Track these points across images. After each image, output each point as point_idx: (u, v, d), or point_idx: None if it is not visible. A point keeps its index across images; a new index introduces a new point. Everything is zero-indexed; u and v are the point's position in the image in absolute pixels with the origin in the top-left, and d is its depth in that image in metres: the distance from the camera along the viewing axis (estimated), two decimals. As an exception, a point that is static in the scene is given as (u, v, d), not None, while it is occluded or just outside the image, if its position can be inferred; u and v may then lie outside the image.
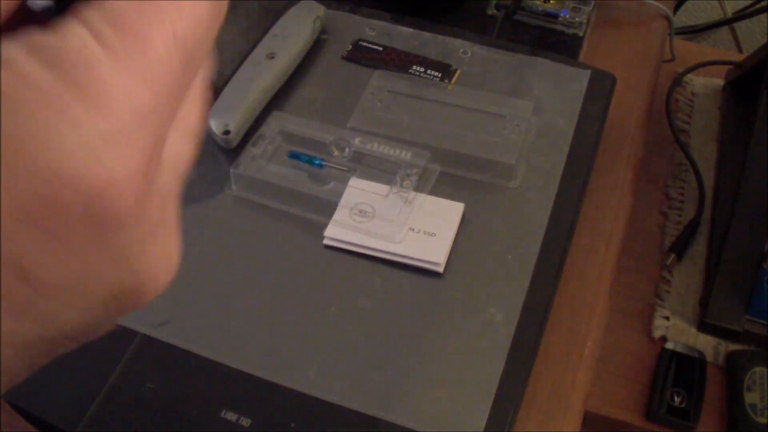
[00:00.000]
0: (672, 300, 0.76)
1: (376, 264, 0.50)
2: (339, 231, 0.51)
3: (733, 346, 0.72)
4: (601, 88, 0.61)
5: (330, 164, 0.54)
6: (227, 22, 0.73)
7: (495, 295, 0.48)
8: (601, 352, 0.55)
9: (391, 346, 0.46)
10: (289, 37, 0.61)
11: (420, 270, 0.49)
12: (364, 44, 0.63)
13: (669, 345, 0.72)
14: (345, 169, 0.54)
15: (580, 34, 0.69)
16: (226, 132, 0.55)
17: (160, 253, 0.20)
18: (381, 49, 0.63)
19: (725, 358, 0.71)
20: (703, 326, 0.73)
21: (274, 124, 0.56)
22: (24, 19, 0.20)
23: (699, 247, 0.79)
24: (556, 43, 0.68)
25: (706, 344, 0.72)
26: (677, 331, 0.73)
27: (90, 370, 0.45)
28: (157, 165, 0.19)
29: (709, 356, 0.71)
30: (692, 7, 1.19)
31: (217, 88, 0.64)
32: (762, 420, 0.66)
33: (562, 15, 0.69)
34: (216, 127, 0.55)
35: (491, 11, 0.71)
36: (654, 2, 0.73)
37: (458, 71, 0.61)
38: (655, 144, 0.86)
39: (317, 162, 0.54)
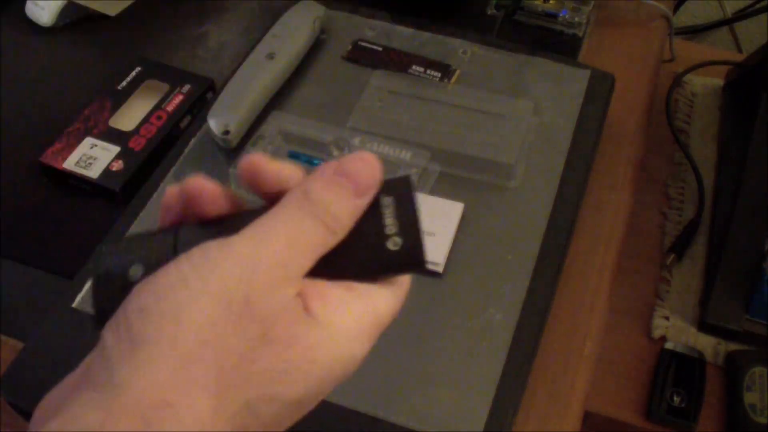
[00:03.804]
0: (672, 300, 0.76)
1: (375, 264, 0.50)
2: (339, 231, 0.51)
3: (733, 346, 0.72)
4: (600, 88, 0.61)
5: (330, 164, 0.54)
6: (227, 21, 0.73)
7: (494, 295, 0.48)
8: (601, 352, 0.55)
9: (391, 346, 0.46)
10: (289, 37, 0.61)
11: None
12: (364, 44, 0.63)
13: (669, 345, 0.72)
14: (345, 169, 0.54)
15: (580, 34, 0.69)
16: (226, 132, 0.55)
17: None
18: (381, 49, 0.63)
19: (725, 358, 0.71)
20: (703, 326, 0.73)
21: (273, 124, 0.56)
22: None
23: (699, 247, 0.79)
24: (555, 43, 0.68)
25: (706, 344, 0.72)
26: (677, 331, 0.73)
27: (90, 370, 0.45)
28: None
29: (709, 356, 0.71)
30: (692, 7, 1.19)
31: (217, 88, 0.64)
32: (762, 420, 0.66)
33: (561, 15, 0.69)
34: (216, 127, 0.55)
35: (491, 11, 0.71)
36: (654, 2, 0.73)
37: (458, 71, 0.61)
38: (655, 144, 0.86)
39: (317, 162, 0.54)
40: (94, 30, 0.73)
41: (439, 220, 0.51)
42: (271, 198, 0.30)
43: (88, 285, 0.49)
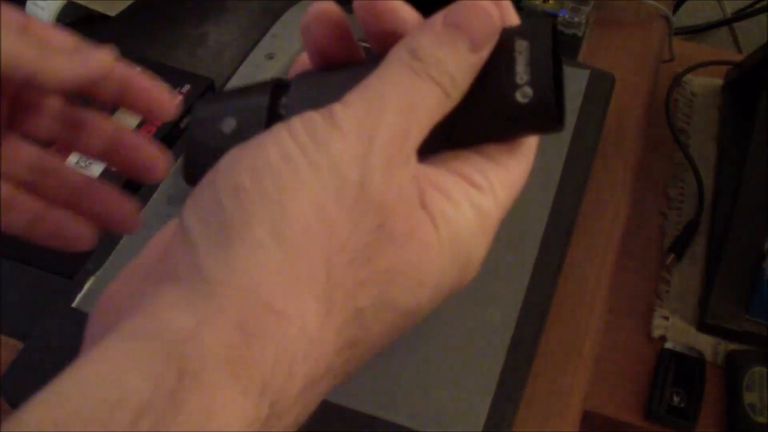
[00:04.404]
0: (672, 300, 0.76)
1: (375, 264, 0.50)
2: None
3: (733, 346, 0.72)
4: (600, 88, 0.61)
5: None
6: (227, 21, 0.74)
7: (494, 294, 0.48)
8: (601, 352, 0.55)
9: (390, 345, 0.46)
10: (289, 37, 0.61)
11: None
12: (364, 44, 0.63)
13: (668, 345, 0.72)
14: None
15: (579, 34, 0.69)
16: (226, 132, 0.55)
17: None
18: (380, 49, 0.63)
19: (725, 358, 0.71)
20: (703, 326, 0.73)
21: (273, 124, 0.56)
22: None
23: (699, 247, 0.79)
24: (555, 43, 0.68)
25: (706, 344, 0.72)
26: (677, 330, 0.73)
27: (90, 370, 0.45)
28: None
29: (709, 356, 0.71)
30: (692, 7, 1.19)
31: (217, 88, 0.64)
32: (761, 420, 0.66)
33: (561, 15, 0.69)
34: (216, 127, 0.55)
35: (491, 11, 0.71)
36: (654, 2, 0.73)
37: (458, 71, 0.61)
38: (654, 144, 0.86)
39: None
40: (94, 30, 0.73)
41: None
42: (382, 42, 0.27)
43: (88, 284, 0.49)
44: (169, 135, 0.60)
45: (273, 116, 0.26)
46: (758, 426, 0.66)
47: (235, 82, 0.58)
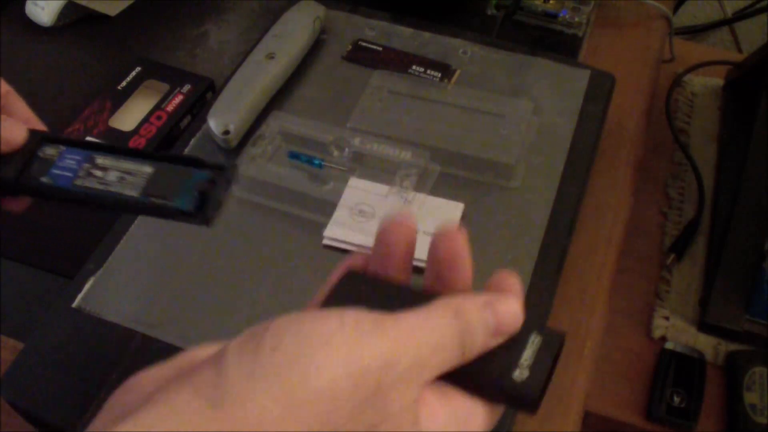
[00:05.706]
0: (672, 300, 0.76)
1: (375, 264, 0.50)
2: (338, 231, 0.51)
3: (733, 346, 0.72)
4: (600, 88, 0.61)
5: (330, 164, 0.54)
6: (227, 21, 0.73)
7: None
8: (601, 352, 0.55)
9: None
10: (289, 37, 0.61)
11: (420, 270, 0.49)
12: (364, 44, 0.63)
13: (669, 345, 0.72)
14: (344, 169, 0.54)
15: (580, 34, 0.69)
16: (226, 132, 0.55)
17: None
18: (381, 49, 0.63)
19: (725, 358, 0.71)
20: (703, 326, 0.73)
21: (273, 124, 0.56)
22: None
23: (699, 247, 0.79)
24: (555, 43, 0.68)
25: (706, 344, 0.72)
26: (677, 331, 0.73)
27: (90, 370, 0.45)
28: None
29: (709, 356, 0.71)
30: (692, 7, 1.19)
31: (217, 88, 0.64)
32: (761, 420, 0.66)
33: (561, 15, 0.69)
34: (216, 127, 0.55)
35: (491, 11, 0.71)
36: (654, 2, 0.73)
37: (458, 71, 0.61)
38: (655, 144, 0.86)
39: (317, 162, 0.54)
40: (94, 30, 0.73)
41: (439, 220, 0.51)
42: (436, 268, 0.33)
43: (88, 284, 0.49)
44: (170, 135, 0.60)
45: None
46: (758, 426, 0.66)
47: (235, 82, 0.58)
